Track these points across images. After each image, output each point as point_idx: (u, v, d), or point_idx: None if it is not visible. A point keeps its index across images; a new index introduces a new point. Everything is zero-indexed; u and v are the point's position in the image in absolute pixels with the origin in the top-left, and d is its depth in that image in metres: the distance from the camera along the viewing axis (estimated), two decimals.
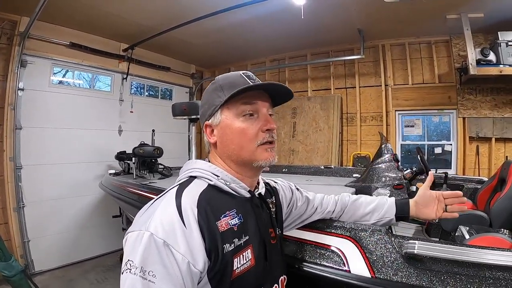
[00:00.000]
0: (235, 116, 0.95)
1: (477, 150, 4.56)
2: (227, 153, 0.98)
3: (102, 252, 4.99)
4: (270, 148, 0.97)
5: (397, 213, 1.32)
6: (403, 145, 5.30)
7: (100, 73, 5.23)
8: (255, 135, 0.94)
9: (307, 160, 5.64)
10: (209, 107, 0.99)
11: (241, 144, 0.95)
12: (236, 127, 0.94)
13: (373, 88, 5.44)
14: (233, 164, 0.99)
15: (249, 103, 0.95)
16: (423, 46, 5.05)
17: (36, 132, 4.26)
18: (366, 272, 1.21)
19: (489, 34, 4.38)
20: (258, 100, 0.97)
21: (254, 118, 0.96)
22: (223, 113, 0.96)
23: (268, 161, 0.96)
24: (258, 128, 0.95)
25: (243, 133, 0.94)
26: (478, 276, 1.06)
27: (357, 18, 4.44)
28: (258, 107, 0.96)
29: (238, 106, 0.95)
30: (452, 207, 1.25)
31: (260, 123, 0.96)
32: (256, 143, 0.94)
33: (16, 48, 4.01)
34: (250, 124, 0.95)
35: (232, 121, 0.95)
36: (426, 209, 1.28)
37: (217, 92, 0.97)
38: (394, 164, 2.87)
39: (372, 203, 1.36)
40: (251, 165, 0.97)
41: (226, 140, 0.97)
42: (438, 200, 1.27)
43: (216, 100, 0.96)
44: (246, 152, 0.95)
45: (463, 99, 4.62)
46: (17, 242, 4.04)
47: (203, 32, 4.87)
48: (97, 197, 4.95)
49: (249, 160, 0.96)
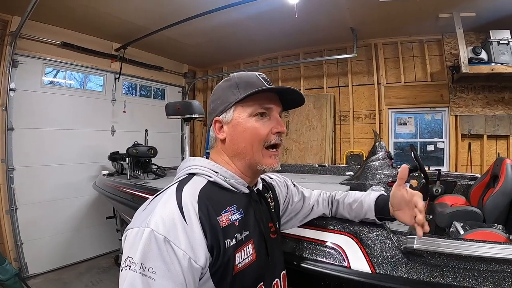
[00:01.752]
0: (249, 115, 0.95)
1: (469, 147, 4.62)
2: (236, 151, 0.98)
3: (97, 254, 4.95)
4: (275, 156, 0.99)
5: (377, 214, 1.23)
6: (396, 142, 5.35)
7: (92, 73, 5.19)
8: (265, 136, 0.96)
9: (300, 158, 5.67)
10: (221, 103, 0.99)
11: (252, 143, 0.95)
12: (249, 125, 0.95)
13: (366, 87, 5.49)
14: (238, 162, 0.99)
15: (265, 105, 0.96)
16: (415, 45, 5.11)
17: (28, 133, 4.22)
18: (366, 268, 1.22)
19: (480, 33, 4.45)
20: (273, 103, 0.98)
21: (266, 119, 0.97)
22: (236, 110, 0.97)
23: (272, 167, 0.98)
24: (269, 129, 0.96)
25: (255, 132, 0.95)
26: (476, 269, 1.08)
27: (350, 17, 4.47)
28: (272, 110, 0.98)
29: (253, 106, 0.95)
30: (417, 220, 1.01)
31: (271, 124, 0.97)
32: (265, 144, 0.96)
33: (7, 48, 3.96)
34: (262, 124, 0.96)
35: (246, 120, 0.95)
36: (400, 213, 1.13)
37: (232, 89, 0.98)
38: (388, 162, 2.90)
39: (355, 203, 1.30)
40: (256, 167, 0.98)
41: (237, 138, 0.97)
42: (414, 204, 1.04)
43: (231, 97, 0.97)
44: (254, 151, 0.96)
45: (455, 97, 4.69)
46: (10, 245, 3.99)
47: (195, 31, 4.86)
48: (91, 199, 4.91)
49: (254, 161, 0.97)
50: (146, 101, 6.24)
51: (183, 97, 6.91)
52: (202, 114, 3.16)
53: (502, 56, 3.98)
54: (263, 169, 0.97)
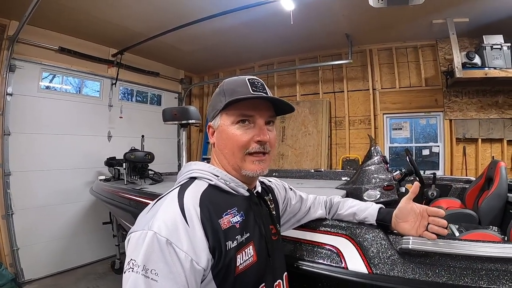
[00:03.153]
0: (231, 122, 0.96)
1: (464, 151, 4.67)
2: (222, 156, 1.01)
3: (93, 259, 4.91)
4: (258, 161, 0.97)
5: (378, 219, 1.30)
6: (391, 147, 5.38)
7: (89, 78, 5.18)
8: (246, 144, 0.95)
9: (296, 164, 5.68)
10: (212, 109, 1.02)
11: (232, 150, 0.96)
12: (230, 133, 0.96)
13: (361, 92, 5.53)
14: (228, 167, 1.01)
15: (246, 112, 0.96)
16: (410, 50, 5.17)
17: (25, 138, 4.21)
18: (363, 269, 1.24)
19: (474, 38, 4.51)
20: (255, 111, 0.97)
21: (249, 126, 0.96)
22: (222, 117, 0.98)
23: (255, 172, 0.97)
24: (250, 137, 0.96)
25: (235, 140, 0.95)
26: (471, 268, 1.10)
27: (345, 24, 4.52)
28: (255, 118, 0.97)
29: (235, 114, 0.96)
30: (432, 227, 1.12)
31: (253, 133, 0.96)
32: (245, 151, 0.96)
33: (4, 53, 3.96)
34: (243, 132, 0.95)
35: (228, 127, 0.97)
36: (406, 224, 1.18)
37: (220, 96, 0.99)
38: (383, 166, 2.91)
39: (356, 206, 1.38)
40: (241, 172, 0.98)
41: (221, 144, 0.99)
42: (421, 216, 1.15)
43: (218, 104, 0.99)
44: (235, 158, 0.97)
45: (450, 101, 4.74)
46: (6, 250, 3.95)
47: (192, 37, 4.90)
48: (87, 204, 4.89)
49: (238, 167, 0.98)
50: (142, 106, 6.24)
51: (179, 103, 6.93)
52: (199, 120, 3.17)
53: (496, 61, 4.04)
54: (247, 174, 0.97)
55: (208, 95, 7.29)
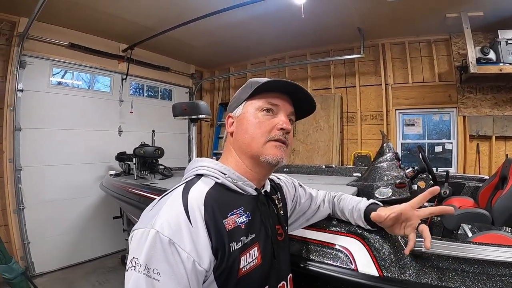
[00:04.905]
0: (256, 109, 0.99)
1: (478, 149, 4.57)
2: (239, 144, 0.99)
3: (103, 253, 4.97)
4: (281, 147, 0.97)
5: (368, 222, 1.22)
6: (404, 144, 5.31)
7: (99, 73, 5.22)
8: (269, 131, 0.96)
9: (307, 159, 5.65)
10: (235, 101, 1.05)
11: (253, 135, 0.96)
12: (253, 118, 0.98)
13: (373, 87, 5.46)
14: (244, 157, 1.00)
15: (272, 101, 0.99)
16: (423, 45, 5.06)
17: (36, 133, 4.25)
18: (374, 271, 1.20)
19: (489, 32, 4.39)
20: (281, 101, 1.00)
21: (272, 115, 0.98)
22: (245, 106, 1.01)
23: (275, 158, 0.95)
24: (273, 125, 0.97)
25: (258, 125, 0.96)
26: (485, 273, 1.06)
27: (357, 17, 4.45)
28: (279, 108, 0.99)
29: (261, 101, 0.99)
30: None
31: (277, 121, 0.97)
32: (267, 138, 0.96)
33: (15, 49, 4.00)
34: (267, 119, 0.97)
35: (252, 114, 0.98)
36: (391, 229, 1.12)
37: (246, 89, 1.03)
38: (396, 163, 2.86)
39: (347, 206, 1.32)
40: (259, 160, 0.96)
41: (241, 130, 0.99)
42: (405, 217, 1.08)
43: (243, 95, 1.02)
44: (256, 143, 0.96)
45: (463, 97, 4.64)
46: (17, 244, 4.02)
47: (202, 32, 4.87)
48: (98, 199, 4.94)
49: (257, 153, 0.96)
50: (153, 101, 6.26)
51: (190, 98, 6.93)
52: (209, 115, 3.15)
53: (511, 56, 3.93)
54: (266, 160, 0.95)
55: (219, 89, 7.28)
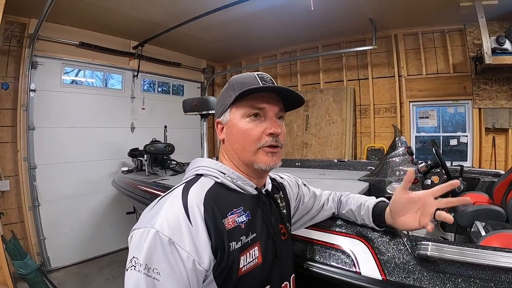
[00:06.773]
0: (242, 116, 0.95)
1: (494, 142, 4.43)
2: (232, 152, 0.99)
3: (117, 248, 5.05)
4: (272, 153, 0.95)
5: (375, 221, 1.21)
6: (418, 136, 5.20)
7: (110, 71, 5.26)
8: (258, 138, 0.94)
9: (320, 153, 5.61)
10: (221, 105, 1.01)
11: (244, 144, 0.95)
12: (241, 127, 0.95)
13: (386, 79, 5.35)
14: (237, 162, 0.99)
15: (257, 105, 0.94)
16: (437, 35, 4.91)
17: (49, 132, 4.33)
18: (377, 274, 1.17)
19: (504, 22, 4.23)
20: (266, 103, 0.95)
21: (260, 120, 0.95)
22: (231, 112, 0.97)
23: (268, 165, 0.95)
24: (262, 130, 0.94)
25: (246, 134, 0.94)
26: (494, 280, 1.02)
27: (368, 8, 4.34)
28: (266, 110, 0.96)
29: (246, 107, 0.95)
30: (440, 214, 0.99)
31: (265, 126, 0.95)
32: (258, 145, 0.94)
33: (26, 50, 4.07)
34: (254, 125, 0.94)
35: (238, 121, 0.95)
36: (404, 218, 1.07)
37: (229, 91, 0.98)
38: (408, 158, 2.81)
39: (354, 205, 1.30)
40: (253, 167, 0.96)
41: (231, 139, 0.98)
42: (423, 204, 1.03)
43: (227, 99, 0.98)
44: (247, 153, 0.95)
45: (479, 89, 4.49)
46: (33, 240, 4.13)
47: (212, 26, 4.84)
48: (111, 194, 5.01)
49: (249, 161, 0.96)
50: (165, 97, 6.30)
51: (202, 93, 6.94)
52: None
53: None
54: (259, 168, 0.95)
55: None
